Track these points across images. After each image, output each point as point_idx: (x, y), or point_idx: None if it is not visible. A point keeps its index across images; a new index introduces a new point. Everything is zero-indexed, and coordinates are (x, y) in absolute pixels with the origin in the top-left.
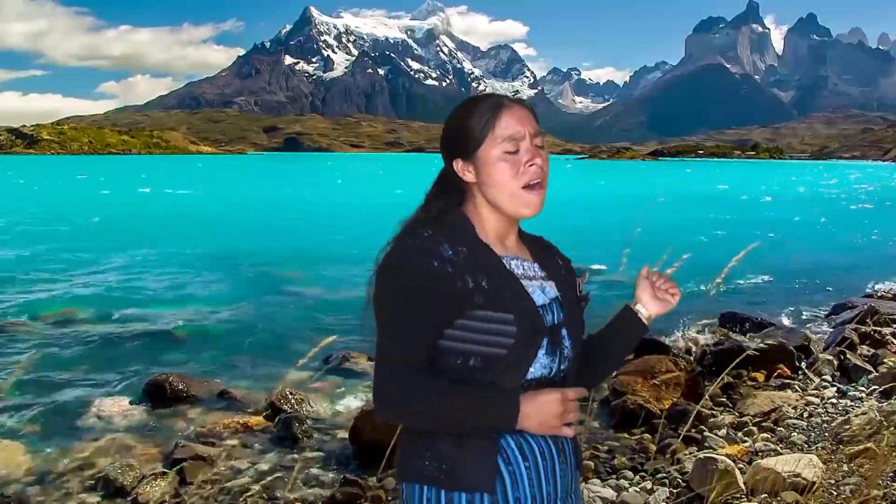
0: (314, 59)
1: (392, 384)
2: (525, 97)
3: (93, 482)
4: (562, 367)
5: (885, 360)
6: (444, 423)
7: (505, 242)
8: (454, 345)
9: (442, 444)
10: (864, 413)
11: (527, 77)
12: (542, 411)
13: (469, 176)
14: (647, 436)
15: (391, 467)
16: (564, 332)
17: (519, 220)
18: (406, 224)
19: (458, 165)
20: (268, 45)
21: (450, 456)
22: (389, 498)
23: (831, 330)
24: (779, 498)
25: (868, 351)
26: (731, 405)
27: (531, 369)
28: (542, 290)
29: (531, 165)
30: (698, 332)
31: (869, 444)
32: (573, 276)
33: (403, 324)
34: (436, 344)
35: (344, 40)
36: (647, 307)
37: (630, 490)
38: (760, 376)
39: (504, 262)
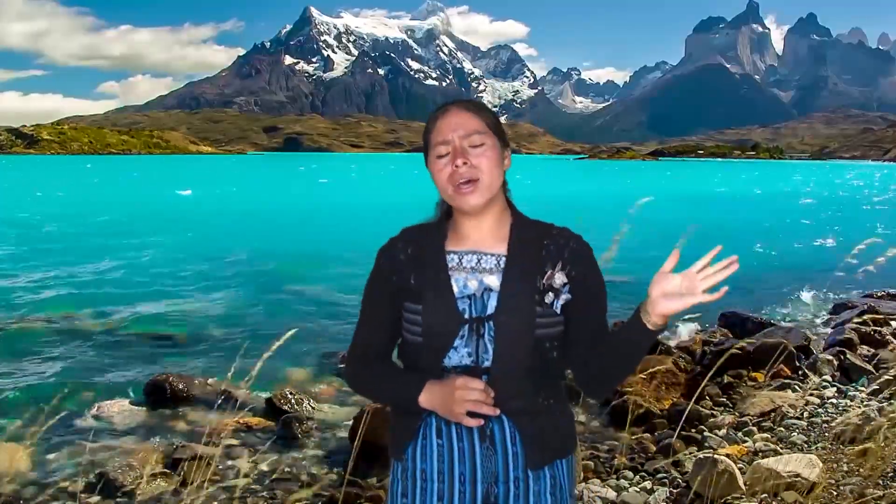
0: (314, 59)
1: (348, 366)
2: (525, 97)
3: (93, 482)
4: (484, 356)
5: (888, 364)
6: (379, 398)
7: (472, 237)
8: (402, 333)
9: (393, 417)
10: (863, 413)
11: (527, 77)
12: (439, 396)
13: (434, 181)
14: (647, 436)
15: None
16: (491, 323)
17: (488, 212)
18: None
19: (430, 173)
20: (268, 45)
21: (392, 427)
22: None
23: (831, 330)
24: (779, 498)
25: (868, 351)
26: (731, 405)
27: (447, 357)
28: (479, 282)
29: (456, 166)
30: (698, 332)
31: (869, 444)
32: (556, 266)
33: (361, 314)
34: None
35: (344, 40)
36: (654, 307)
37: (630, 490)
38: (760, 376)
39: (454, 256)
